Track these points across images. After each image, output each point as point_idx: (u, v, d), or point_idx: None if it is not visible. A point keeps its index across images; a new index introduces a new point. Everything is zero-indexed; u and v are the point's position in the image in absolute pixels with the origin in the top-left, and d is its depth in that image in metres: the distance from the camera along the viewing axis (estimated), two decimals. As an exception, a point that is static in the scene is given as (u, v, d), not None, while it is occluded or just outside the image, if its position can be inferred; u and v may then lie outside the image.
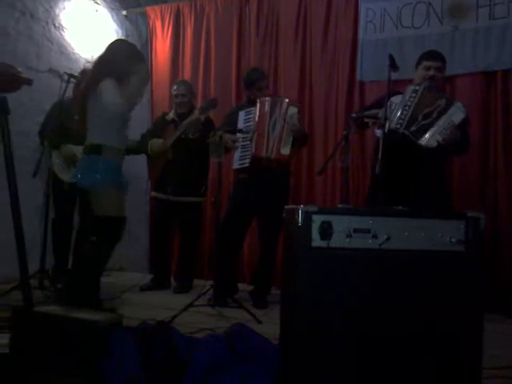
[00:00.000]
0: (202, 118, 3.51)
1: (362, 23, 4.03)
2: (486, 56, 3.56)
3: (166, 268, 4.01)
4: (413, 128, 2.78)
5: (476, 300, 1.53)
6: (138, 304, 3.28)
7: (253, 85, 3.45)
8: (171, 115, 3.90)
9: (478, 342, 1.52)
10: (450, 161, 3.35)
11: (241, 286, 3.75)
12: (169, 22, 4.91)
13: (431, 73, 2.91)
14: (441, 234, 1.58)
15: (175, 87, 3.92)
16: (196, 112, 3.48)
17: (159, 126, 3.88)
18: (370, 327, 1.58)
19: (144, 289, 3.80)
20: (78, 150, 3.34)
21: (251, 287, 3.59)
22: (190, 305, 2.94)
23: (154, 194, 3.97)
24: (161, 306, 3.27)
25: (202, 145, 3.60)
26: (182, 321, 2.76)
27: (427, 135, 2.74)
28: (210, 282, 3.19)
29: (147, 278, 3.96)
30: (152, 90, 4.89)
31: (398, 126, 2.79)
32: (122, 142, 2.86)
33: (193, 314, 2.92)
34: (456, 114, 2.75)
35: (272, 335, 2.02)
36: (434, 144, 2.73)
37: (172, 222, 3.93)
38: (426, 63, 2.96)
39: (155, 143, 3.68)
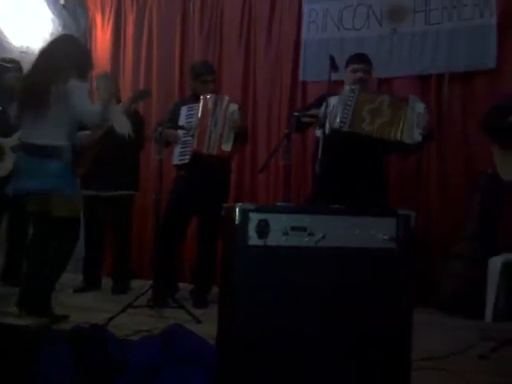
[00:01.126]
0: (132, 108, 3.37)
1: (304, 23, 4.08)
2: (421, 60, 3.70)
3: (97, 267, 3.86)
4: (360, 126, 2.80)
5: (405, 294, 1.57)
6: (73, 307, 3.15)
7: (198, 77, 3.41)
8: None
9: (407, 335, 1.57)
10: (387, 160, 3.45)
11: (182, 285, 3.69)
12: (110, 14, 4.76)
13: (359, 75, 2.99)
14: (374, 232, 1.62)
15: (97, 81, 3.76)
16: (126, 102, 3.35)
17: None
18: (307, 324, 1.58)
19: (77, 290, 3.66)
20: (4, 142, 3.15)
21: (192, 286, 3.54)
22: (128, 306, 2.85)
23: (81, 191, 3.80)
24: (97, 308, 3.16)
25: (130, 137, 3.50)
26: (120, 323, 2.68)
27: (404, 134, 2.69)
28: (150, 282, 3.11)
29: (79, 278, 3.81)
30: (91, 83, 4.71)
31: (342, 125, 2.82)
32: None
33: (131, 315, 2.84)
34: (417, 105, 2.77)
35: (211, 335, 1.99)
36: (419, 138, 2.70)
37: (103, 218, 3.78)
38: (353, 66, 3.04)
39: (82, 136, 3.52)
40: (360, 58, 3.07)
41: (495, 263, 3.21)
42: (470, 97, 3.62)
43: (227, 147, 3.22)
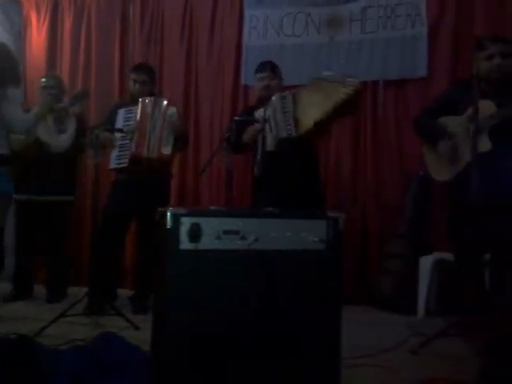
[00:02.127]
0: (71, 109, 3.29)
1: (246, 29, 4.12)
2: (357, 67, 3.81)
3: (29, 274, 3.69)
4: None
5: (334, 294, 1.62)
6: (4, 317, 3.01)
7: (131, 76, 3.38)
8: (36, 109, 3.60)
9: (337, 333, 1.62)
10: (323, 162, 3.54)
11: (124, 291, 3.62)
12: (45, 13, 4.60)
13: (265, 82, 3.12)
14: (305, 234, 1.65)
15: (42, 80, 3.63)
16: (64, 102, 3.25)
17: None
18: (240, 327, 1.60)
19: (7, 300, 3.49)
20: None
21: (133, 292, 3.47)
22: (61, 315, 2.76)
23: (14, 196, 3.65)
24: (31, 317, 3.04)
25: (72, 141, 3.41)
26: (53, 332, 2.59)
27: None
28: (86, 290, 3.02)
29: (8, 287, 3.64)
30: (25, 84, 4.53)
31: (290, 132, 2.86)
32: None
33: (66, 324, 2.75)
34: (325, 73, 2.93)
35: (149, 341, 1.97)
36: (311, 123, 2.81)
37: (38, 222, 3.64)
38: (257, 75, 3.19)
39: (15, 139, 3.39)
40: (263, 67, 3.19)
41: (426, 261, 3.37)
42: (403, 103, 3.79)
43: (167, 150, 3.19)
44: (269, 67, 3.18)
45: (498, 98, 2.47)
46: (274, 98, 2.94)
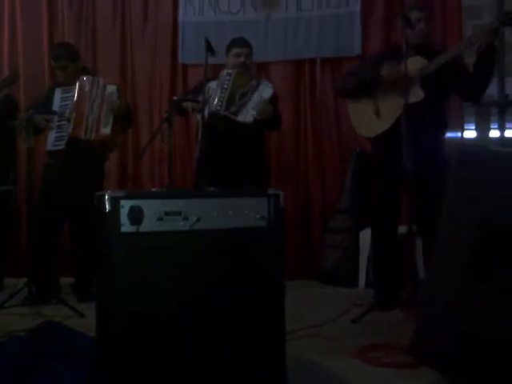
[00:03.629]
0: (1, 95, 3.12)
1: (181, 5, 4.02)
2: (294, 45, 3.85)
3: None
4: (232, 108, 2.91)
5: (276, 269, 1.66)
6: None
7: (54, 63, 3.22)
8: None
9: (280, 307, 1.66)
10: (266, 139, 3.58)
11: (67, 280, 3.51)
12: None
13: (242, 59, 3.05)
14: (247, 212, 1.67)
15: None
16: None
17: None
18: (184, 308, 1.60)
19: None
20: None
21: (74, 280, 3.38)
22: (1, 306, 2.65)
23: None
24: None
25: (4, 125, 3.23)
26: (-9, 324, 2.49)
27: (243, 112, 2.91)
28: (25, 280, 2.91)
29: None
30: None
31: (219, 108, 2.90)
32: None
33: (6, 316, 2.66)
34: (265, 91, 2.97)
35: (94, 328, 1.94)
36: (251, 119, 2.91)
37: None
38: (235, 50, 3.09)
39: None
40: (243, 43, 3.12)
41: (366, 234, 3.50)
42: (340, 80, 3.86)
43: (106, 130, 3.08)
44: (248, 43, 3.12)
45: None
46: (222, 72, 2.93)
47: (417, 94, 2.54)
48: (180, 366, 1.59)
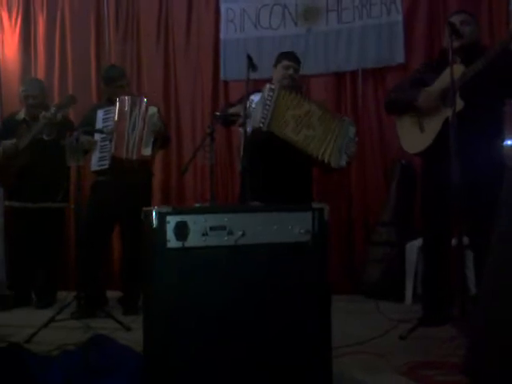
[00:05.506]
0: (59, 116, 3.27)
1: (222, 23, 4.10)
2: (335, 57, 3.84)
3: (27, 282, 3.68)
4: (281, 129, 2.82)
5: (322, 283, 1.63)
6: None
7: (112, 83, 3.31)
8: (22, 115, 3.57)
9: (326, 324, 1.63)
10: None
11: (114, 293, 3.59)
12: (17, 13, 4.49)
13: (291, 71, 3.04)
14: (291, 226, 1.66)
15: (24, 88, 3.58)
16: (51, 109, 3.23)
17: (9, 127, 3.54)
18: (229, 323, 1.60)
19: (4, 308, 3.45)
20: None
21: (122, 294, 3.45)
22: (51, 320, 2.73)
23: (7, 202, 3.62)
24: (21, 324, 2.99)
25: (60, 146, 3.37)
26: (44, 338, 2.56)
27: (333, 156, 2.82)
28: (74, 294, 2.99)
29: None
30: (0, 89, 4.45)
31: (261, 124, 2.87)
32: None
33: (56, 329, 2.72)
34: (350, 130, 2.90)
35: (141, 342, 1.96)
36: (344, 164, 2.86)
37: (31, 231, 3.61)
38: (285, 62, 3.07)
39: (6, 145, 3.36)
40: (293, 56, 3.12)
41: (412, 248, 3.41)
42: (383, 91, 3.81)
43: (147, 151, 3.17)
44: (297, 59, 3.11)
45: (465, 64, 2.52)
46: (265, 87, 2.94)
47: (457, 104, 2.45)
48: (225, 381, 1.58)
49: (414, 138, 2.70)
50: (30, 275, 3.69)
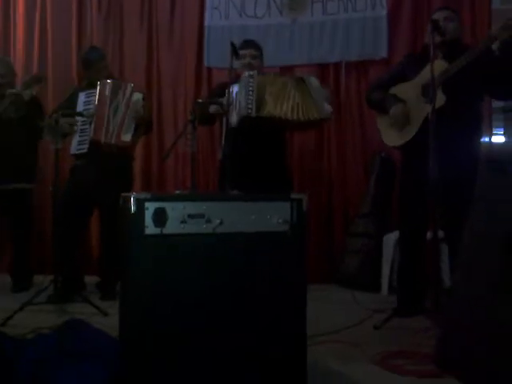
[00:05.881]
0: (27, 95, 3.19)
1: (207, 9, 4.06)
2: (319, 49, 3.84)
3: None
4: (265, 110, 2.80)
5: (299, 273, 1.65)
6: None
7: (90, 66, 3.26)
8: None
9: (301, 313, 1.65)
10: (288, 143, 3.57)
11: (93, 278, 3.57)
12: (-4, -9, 4.39)
13: (247, 60, 3.03)
14: (269, 216, 1.67)
15: None
16: (18, 87, 3.16)
17: None
18: (206, 309, 1.61)
19: None
20: None
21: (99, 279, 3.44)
22: (27, 304, 2.71)
23: None
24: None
25: (29, 125, 3.31)
26: (19, 322, 2.54)
27: (321, 107, 2.83)
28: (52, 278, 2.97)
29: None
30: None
31: (249, 110, 2.85)
32: None
33: (32, 313, 2.71)
34: (313, 81, 2.89)
35: (117, 327, 1.97)
36: (330, 109, 2.87)
37: None
38: (241, 52, 3.00)
39: None
40: (247, 44, 3.11)
41: (389, 240, 3.46)
42: (365, 84, 3.83)
43: (127, 137, 3.13)
44: (252, 45, 3.11)
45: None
46: (243, 75, 2.92)
47: (438, 99, 2.48)
48: (201, 367, 1.60)
49: (394, 131, 2.73)
50: None
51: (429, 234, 2.70)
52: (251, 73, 2.90)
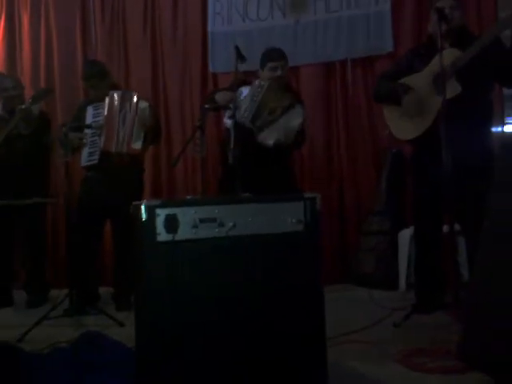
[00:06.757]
0: (35, 110, 3.21)
1: (210, 15, 4.06)
2: (324, 47, 3.81)
3: (7, 281, 3.59)
4: (258, 122, 2.83)
5: (315, 272, 1.62)
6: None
7: (85, 81, 3.31)
8: None
9: (320, 313, 1.62)
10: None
11: (106, 289, 3.56)
12: (1, 9, 4.42)
13: (278, 73, 2.95)
14: (283, 217, 1.64)
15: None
16: (27, 102, 3.19)
17: None
18: (222, 315, 1.59)
19: None
20: None
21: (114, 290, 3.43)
22: (43, 318, 2.70)
23: None
24: (10, 324, 2.97)
25: (39, 140, 3.33)
26: (36, 337, 2.54)
27: (265, 132, 2.82)
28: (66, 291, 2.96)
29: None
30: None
31: (243, 119, 2.84)
32: None
33: (48, 327, 2.70)
34: (295, 119, 2.85)
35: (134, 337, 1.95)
36: (270, 144, 2.82)
37: (13, 228, 3.55)
38: (271, 64, 2.96)
39: None
40: (277, 55, 3.00)
41: (404, 236, 3.41)
42: (372, 80, 3.78)
43: (137, 145, 3.14)
44: (283, 56, 3.01)
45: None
46: (254, 83, 2.90)
47: (454, 89, 2.43)
48: (219, 376, 1.57)
49: (404, 124, 2.67)
50: (9, 275, 3.62)
51: (445, 228, 2.65)
52: (262, 83, 2.87)
